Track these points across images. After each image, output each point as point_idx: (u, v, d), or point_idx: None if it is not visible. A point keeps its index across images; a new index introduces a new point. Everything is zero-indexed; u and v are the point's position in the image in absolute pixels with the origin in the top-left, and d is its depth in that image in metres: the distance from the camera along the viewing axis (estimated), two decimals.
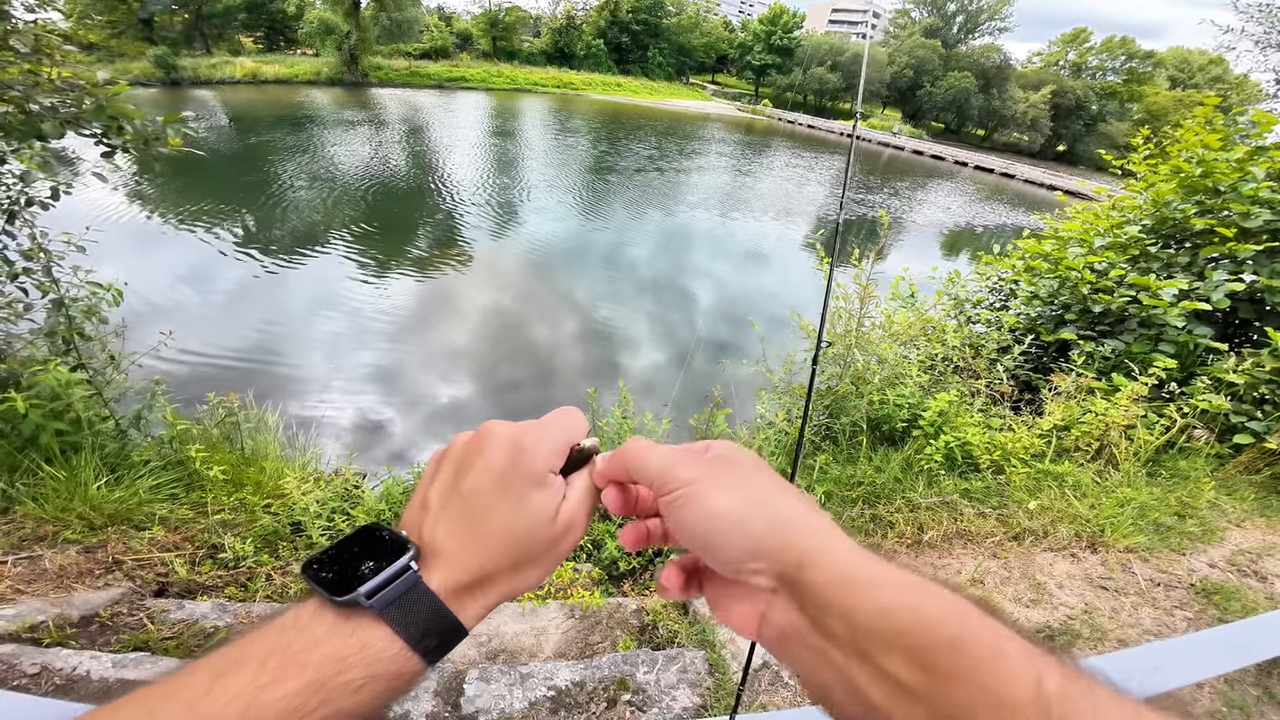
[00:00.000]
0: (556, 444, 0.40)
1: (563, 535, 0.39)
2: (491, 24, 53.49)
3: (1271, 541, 2.65)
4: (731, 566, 0.35)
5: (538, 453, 0.38)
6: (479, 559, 0.37)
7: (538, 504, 0.38)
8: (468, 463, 0.39)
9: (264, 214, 10.87)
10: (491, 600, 0.38)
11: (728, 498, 0.35)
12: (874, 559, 0.32)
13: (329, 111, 24.92)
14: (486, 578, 0.37)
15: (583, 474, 0.42)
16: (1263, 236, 3.50)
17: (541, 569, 0.39)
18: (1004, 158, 43.38)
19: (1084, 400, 3.07)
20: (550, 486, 0.39)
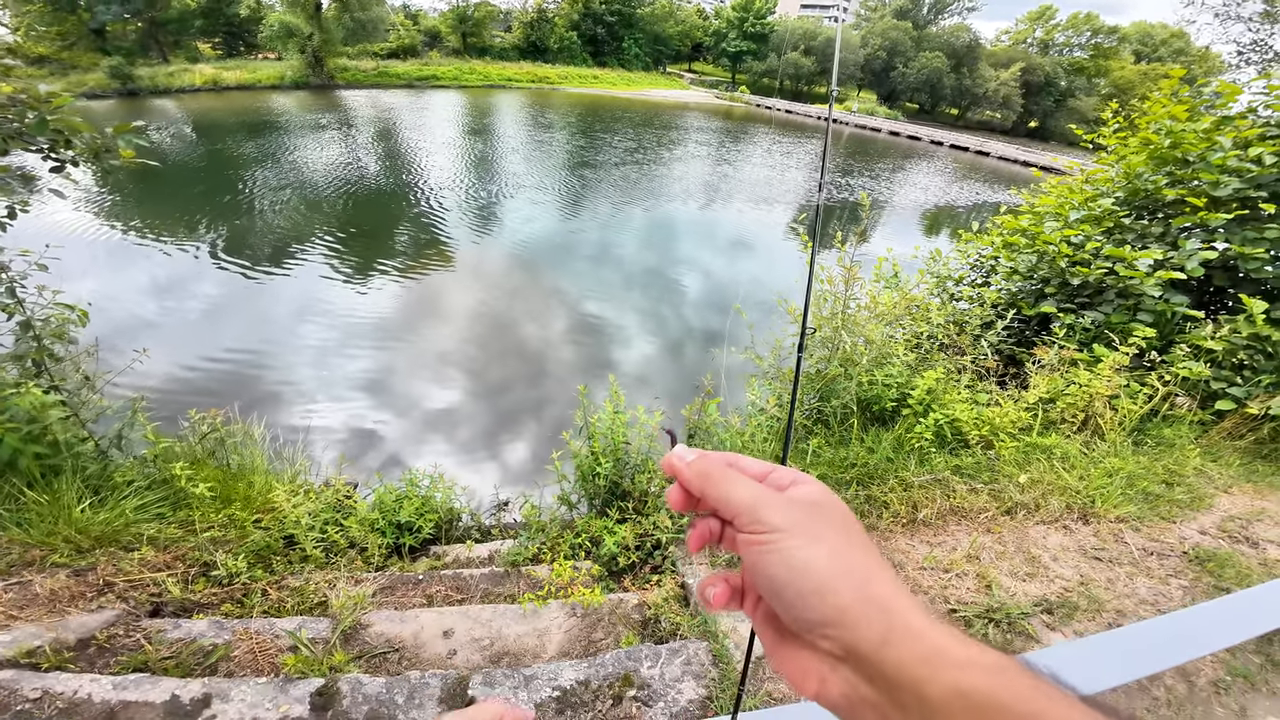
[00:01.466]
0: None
1: None
2: (460, 20, 52.50)
3: (1260, 507, 2.71)
4: (804, 626, 0.35)
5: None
6: None
7: None
8: None
9: (236, 223, 10.62)
10: None
11: (818, 558, 0.34)
12: (958, 638, 0.32)
13: (296, 116, 24.31)
14: None
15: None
16: (1233, 205, 3.58)
17: None
18: (978, 135, 43.85)
19: (1067, 372, 3.13)
20: None
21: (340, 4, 37.07)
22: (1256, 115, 3.93)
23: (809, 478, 0.40)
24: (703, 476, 0.40)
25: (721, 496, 0.38)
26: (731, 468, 0.41)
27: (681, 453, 0.42)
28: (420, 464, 4.81)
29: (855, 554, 0.35)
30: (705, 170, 20.28)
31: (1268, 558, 2.38)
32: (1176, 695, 1.80)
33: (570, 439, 2.80)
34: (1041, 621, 2.03)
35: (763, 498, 0.37)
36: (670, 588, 2.23)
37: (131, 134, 2.44)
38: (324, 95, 33.05)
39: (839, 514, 0.38)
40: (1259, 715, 1.77)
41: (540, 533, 2.77)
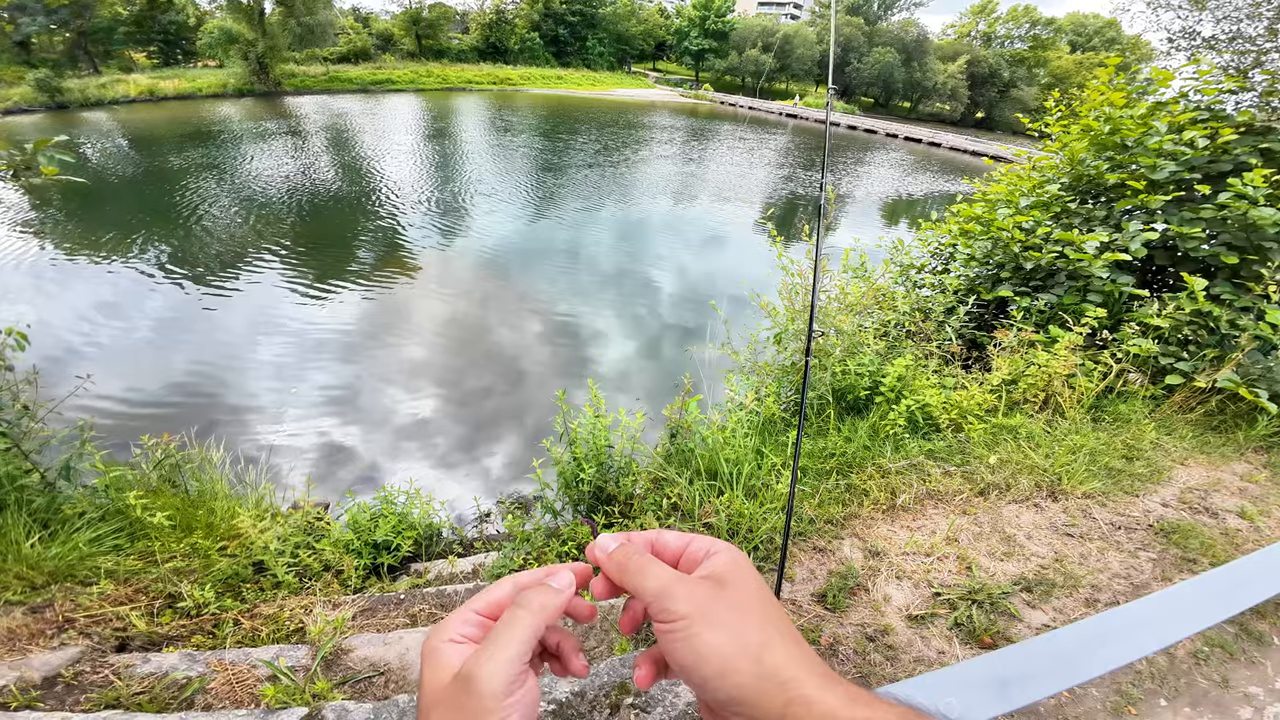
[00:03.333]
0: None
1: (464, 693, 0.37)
2: (414, 22, 51.23)
3: (1215, 477, 2.85)
4: (717, 705, 0.37)
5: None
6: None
7: (432, 673, 0.39)
8: None
9: (182, 239, 10.11)
10: None
11: (718, 641, 0.36)
12: (850, 701, 0.34)
13: (241, 125, 23.27)
14: None
15: (509, 621, 0.40)
16: (1170, 187, 3.78)
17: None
18: (930, 127, 45.41)
19: (1026, 353, 3.26)
20: (436, 655, 0.40)
21: (285, 9, 35.66)
22: (1188, 100, 4.16)
23: (723, 546, 0.43)
24: (620, 568, 0.42)
25: (636, 586, 0.41)
26: (655, 545, 0.44)
27: (604, 543, 0.44)
28: (396, 479, 4.69)
29: (752, 630, 0.37)
30: (674, 168, 20.36)
31: (1228, 527, 2.50)
32: (1159, 668, 1.87)
33: (551, 446, 2.76)
34: (1022, 600, 2.09)
35: (668, 587, 0.39)
36: None
37: (54, 149, 2.29)
38: (271, 103, 31.77)
39: (740, 589, 0.40)
40: (1240, 684, 1.85)
41: (525, 543, 2.72)
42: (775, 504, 2.44)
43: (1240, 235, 3.42)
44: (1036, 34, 65.19)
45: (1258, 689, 1.85)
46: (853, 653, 1.90)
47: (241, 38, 33.85)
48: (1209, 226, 3.55)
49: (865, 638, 1.95)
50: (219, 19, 35.33)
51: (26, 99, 25.77)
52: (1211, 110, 4.04)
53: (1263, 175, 3.32)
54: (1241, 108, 4.06)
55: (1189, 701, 1.80)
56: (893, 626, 1.98)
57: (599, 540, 0.45)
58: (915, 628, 1.99)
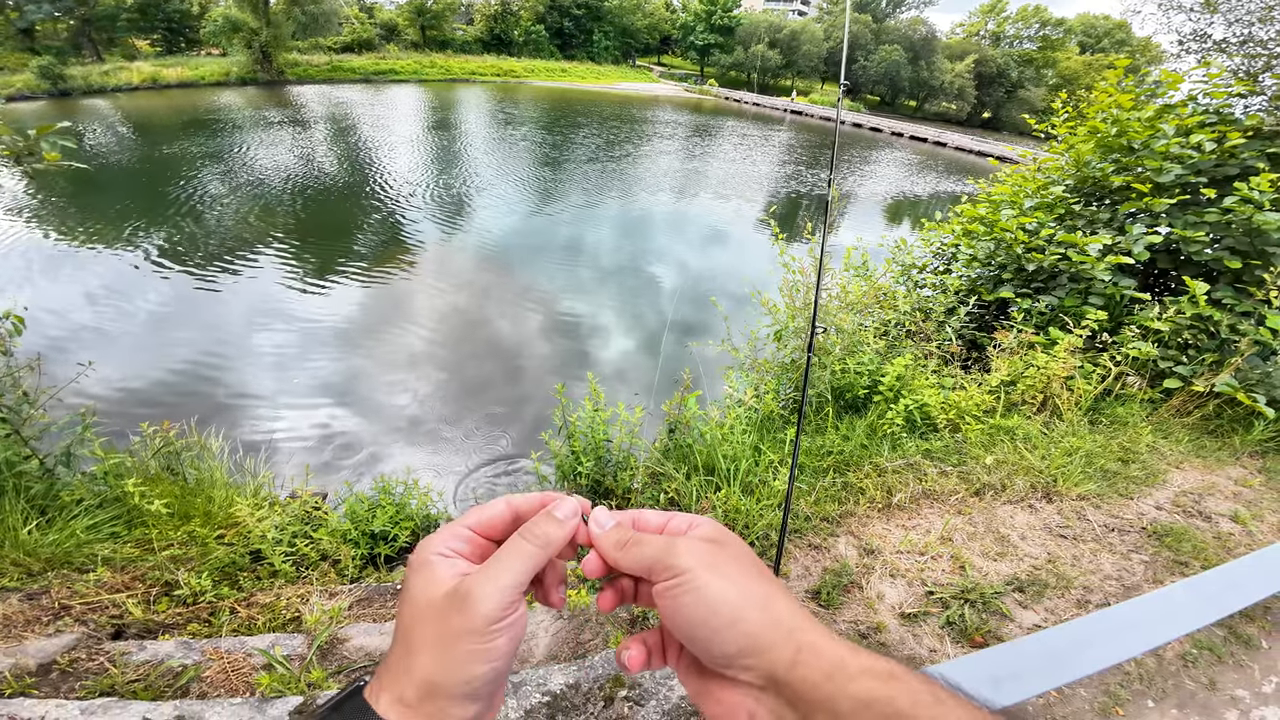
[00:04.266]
0: (448, 535, 0.42)
1: (467, 613, 0.37)
2: (419, 13, 50.93)
3: (1210, 481, 2.85)
4: (724, 661, 0.36)
5: (430, 545, 0.41)
6: (416, 671, 0.37)
7: (423, 586, 0.39)
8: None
9: (184, 227, 10.10)
10: (446, 708, 0.37)
11: (727, 590, 0.36)
12: (854, 650, 0.35)
13: (244, 113, 23.20)
14: (429, 688, 0.37)
15: (514, 550, 0.41)
16: (1175, 190, 3.76)
17: (475, 659, 0.37)
18: (935, 127, 45.18)
19: (1026, 355, 3.25)
20: (429, 568, 0.40)
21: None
22: (1196, 103, 4.14)
23: (704, 519, 0.43)
24: (618, 546, 0.42)
25: (635, 558, 0.40)
26: (637, 521, 0.44)
27: (600, 518, 0.44)
28: (393, 469, 4.70)
29: (756, 582, 0.38)
30: (677, 164, 20.29)
31: (1221, 531, 2.50)
32: (1147, 669, 1.88)
33: (550, 439, 2.77)
34: (1014, 600, 2.10)
35: (670, 545, 0.39)
36: None
37: (56, 135, 2.28)
38: (273, 91, 31.66)
39: (737, 547, 0.41)
40: (1227, 687, 1.85)
41: None
42: (772, 500, 2.45)
43: (1244, 240, 3.41)
44: (1046, 34, 64.70)
45: (1244, 692, 1.86)
46: None
47: (245, 26, 33.70)
48: (1213, 230, 3.53)
49: (858, 635, 1.96)
50: (223, 7, 35.13)
51: (30, 86, 25.79)
52: (1220, 114, 4.01)
53: (1269, 180, 3.30)
54: (1250, 111, 4.03)
55: (1176, 703, 1.80)
56: (885, 624, 1.99)
57: (595, 514, 0.44)
58: (908, 625, 2.00)
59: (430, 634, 0.37)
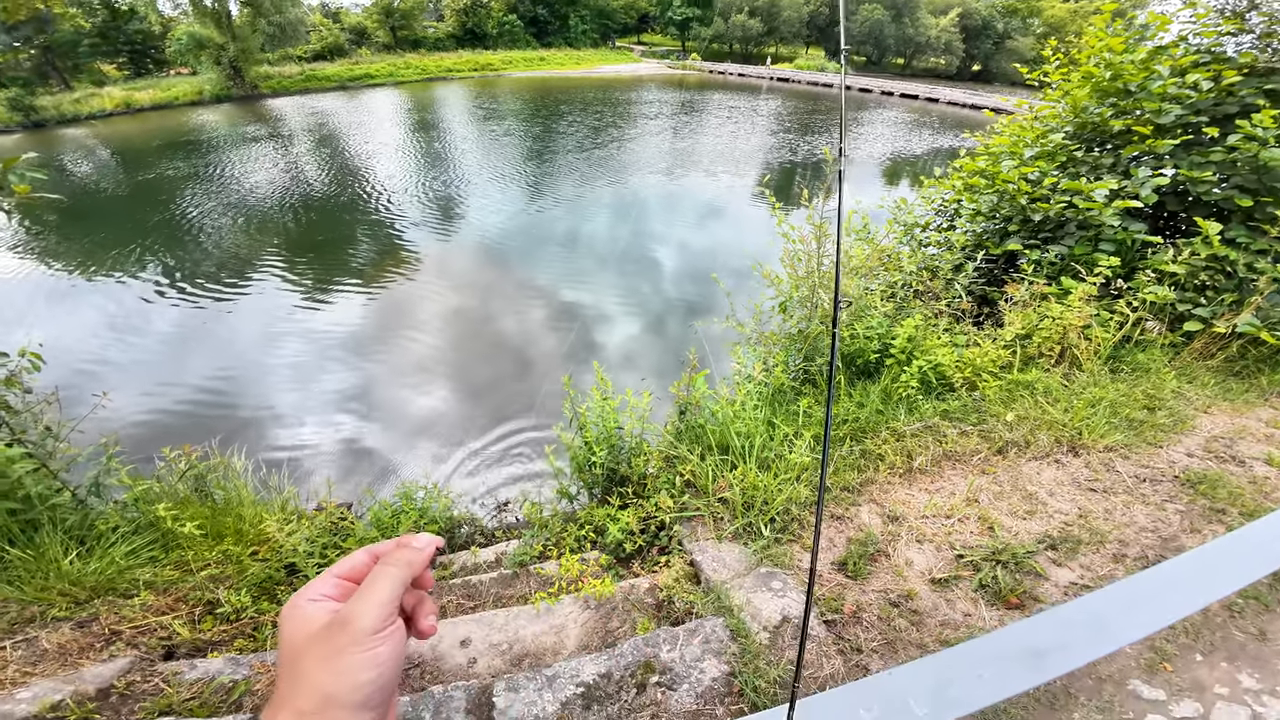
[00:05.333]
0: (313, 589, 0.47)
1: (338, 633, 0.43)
2: (386, 14, 50.01)
3: (1240, 425, 2.77)
4: None
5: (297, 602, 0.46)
6: (308, 687, 0.42)
7: (300, 625, 0.44)
8: None
9: (180, 251, 10.12)
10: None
11: None
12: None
13: (223, 131, 23.03)
14: (323, 698, 0.41)
15: (379, 574, 0.47)
16: (1177, 130, 3.67)
17: (362, 666, 0.42)
18: (925, 83, 44.16)
19: (1039, 307, 3.21)
20: (301, 611, 0.45)
21: (253, 10, 34.91)
22: (1187, 43, 4.04)
23: None
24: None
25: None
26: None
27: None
28: (413, 472, 4.76)
29: None
30: (666, 143, 20.01)
31: (1256, 475, 2.42)
32: (1192, 622, 1.83)
33: (561, 431, 2.77)
34: (1048, 558, 2.07)
35: None
36: (680, 567, 2.24)
37: (23, 167, 2.26)
38: (250, 106, 31.39)
39: None
40: (1277, 636, 1.78)
41: (544, 529, 2.76)
42: (789, 474, 2.45)
43: (1251, 178, 3.33)
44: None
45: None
46: (877, 619, 1.90)
47: (211, 42, 33.30)
48: (1220, 170, 3.45)
49: (889, 604, 1.94)
50: (186, 25, 34.63)
51: (1, 120, 25.61)
52: (1213, 53, 3.92)
53: (1271, 116, 3.21)
54: (1242, 49, 3.93)
55: (1225, 656, 1.75)
56: (916, 591, 1.98)
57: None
58: (939, 591, 1.99)
59: (317, 655, 0.41)
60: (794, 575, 2.10)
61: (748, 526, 2.31)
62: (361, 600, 0.44)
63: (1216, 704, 1.62)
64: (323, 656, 0.41)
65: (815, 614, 1.93)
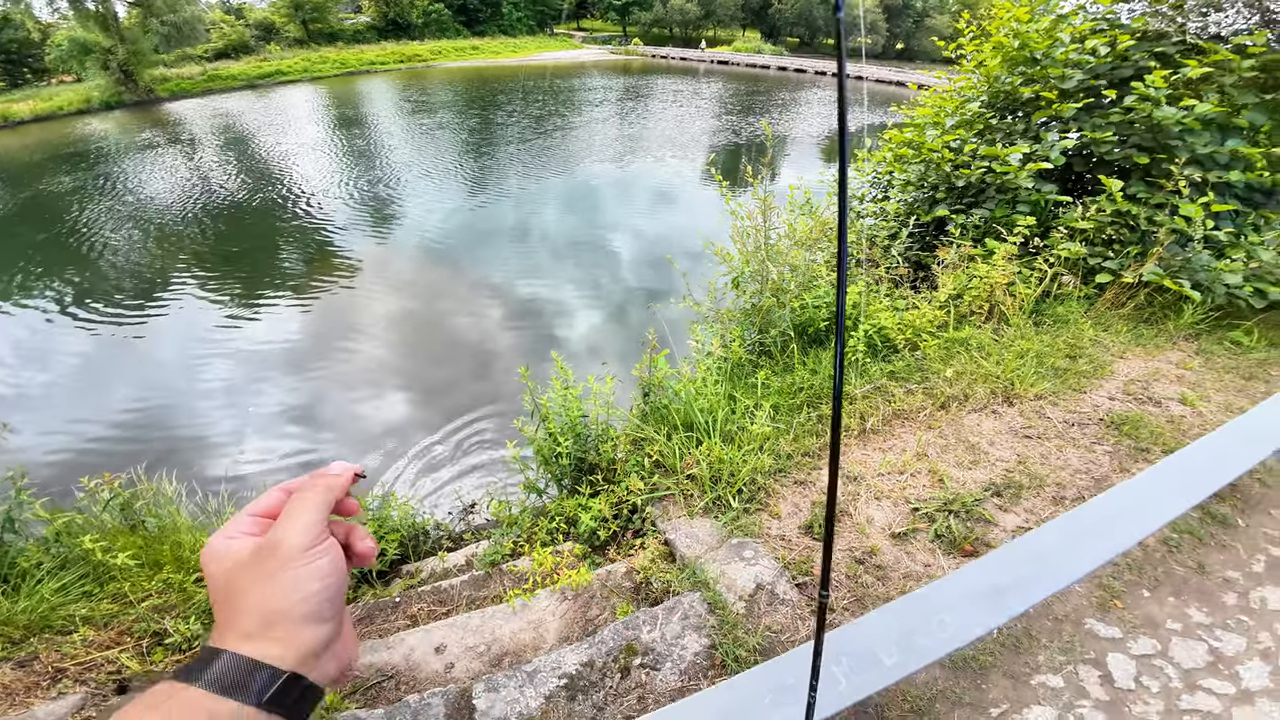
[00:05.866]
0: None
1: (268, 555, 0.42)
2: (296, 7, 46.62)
3: (1154, 367, 3.00)
4: None
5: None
6: (250, 609, 0.40)
7: (224, 560, 0.42)
8: None
9: (80, 271, 9.21)
10: (270, 633, 0.40)
11: None
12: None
13: (117, 140, 20.94)
14: (268, 615, 0.40)
15: (300, 498, 0.45)
16: (1079, 95, 3.95)
17: (303, 579, 0.41)
18: (854, 62, 45.56)
19: (968, 268, 3.40)
20: (221, 549, 0.43)
21: (143, 10, 31.88)
22: (1086, 11, 4.33)
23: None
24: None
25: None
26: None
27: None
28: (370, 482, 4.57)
29: None
30: (614, 130, 19.80)
31: (1173, 414, 2.64)
32: (1134, 559, 1.94)
33: (523, 425, 2.73)
34: (994, 505, 2.20)
35: None
36: (655, 548, 2.27)
37: None
38: (145, 112, 28.71)
39: None
40: (1217, 569, 1.89)
41: (513, 526, 2.71)
42: (752, 445, 2.51)
43: (1148, 136, 3.62)
44: None
45: (1235, 573, 1.89)
46: (845, 578, 1.98)
47: (97, 46, 30.15)
48: (1119, 130, 3.73)
49: (855, 561, 2.03)
50: (67, 30, 31.33)
51: None
52: (1109, 20, 4.21)
53: (1161, 76, 3.48)
54: (1134, 15, 4.22)
55: (1171, 590, 1.84)
56: (879, 547, 2.07)
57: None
58: (900, 545, 2.09)
59: (250, 579, 0.40)
60: (764, 543, 2.16)
61: (717, 500, 2.36)
62: (285, 524, 0.42)
63: (1172, 639, 1.69)
64: (256, 579, 0.40)
65: (787, 579, 2.00)
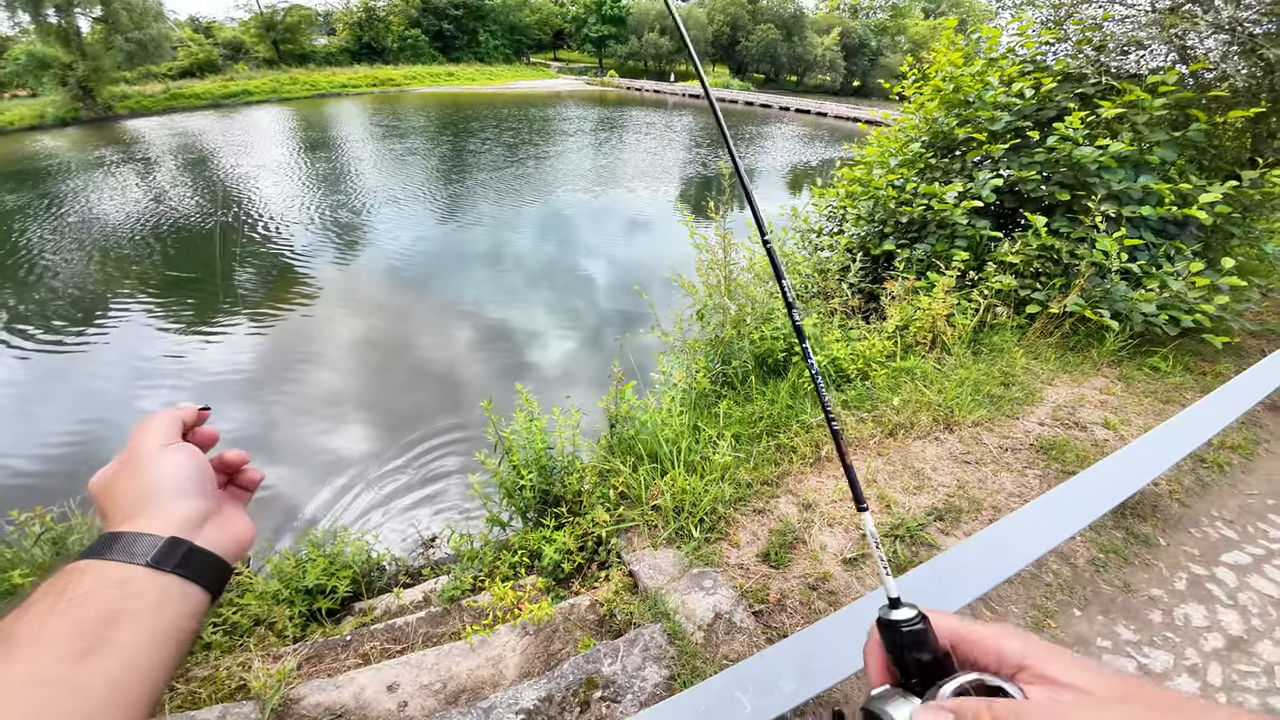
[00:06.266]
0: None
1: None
2: (267, 28, 46.44)
3: (1079, 393, 3.20)
4: None
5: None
6: (120, 497, 0.46)
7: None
8: None
9: (28, 291, 8.73)
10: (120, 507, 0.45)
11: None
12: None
13: (69, 157, 20.15)
14: (137, 495, 0.45)
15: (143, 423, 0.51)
16: (1007, 136, 4.26)
17: (161, 464, 0.47)
18: (815, 99, 48.06)
19: (913, 300, 3.60)
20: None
21: (107, 26, 31.19)
22: (1014, 54, 4.68)
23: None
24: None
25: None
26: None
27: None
28: (325, 515, 4.41)
29: None
30: (589, 160, 20.16)
31: (1097, 438, 2.82)
32: (1064, 579, 2.04)
33: (485, 458, 2.71)
34: (937, 529, 2.31)
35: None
36: (619, 579, 2.27)
37: None
38: (103, 129, 27.74)
39: None
40: (1142, 587, 1.99)
41: (474, 561, 2.67)
42: (713, 475, 2.56)
43: (1068, 174, 3.92)
44: (894, 3, 70.91)
45: (1159, 591, 1.99)
46: (799, 604, 2.03)
47: (56, 61, 29.27)
48: (1043, 169, 4.03)
49: (809, 588, 2.08)
50: (25, 44, 30.41)
51: None
52: (1035, 62, 4.56)
53: (1079, 118, 3.79)
54: (1059, 57, 4.52)
55: (1100, 609, 1.94)
56: (831, 573, 2.13)
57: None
58: (850, 570, 2.16)
59: (122, 483, 0.45)
60: (723, 572, 2.20)
61: (680, 530, 2.39)
62: (137, 437, 0.47)
63: (1103, 657, 1.78)
64: (128, 479, 0.45)
65: (744, 607, 2.03)
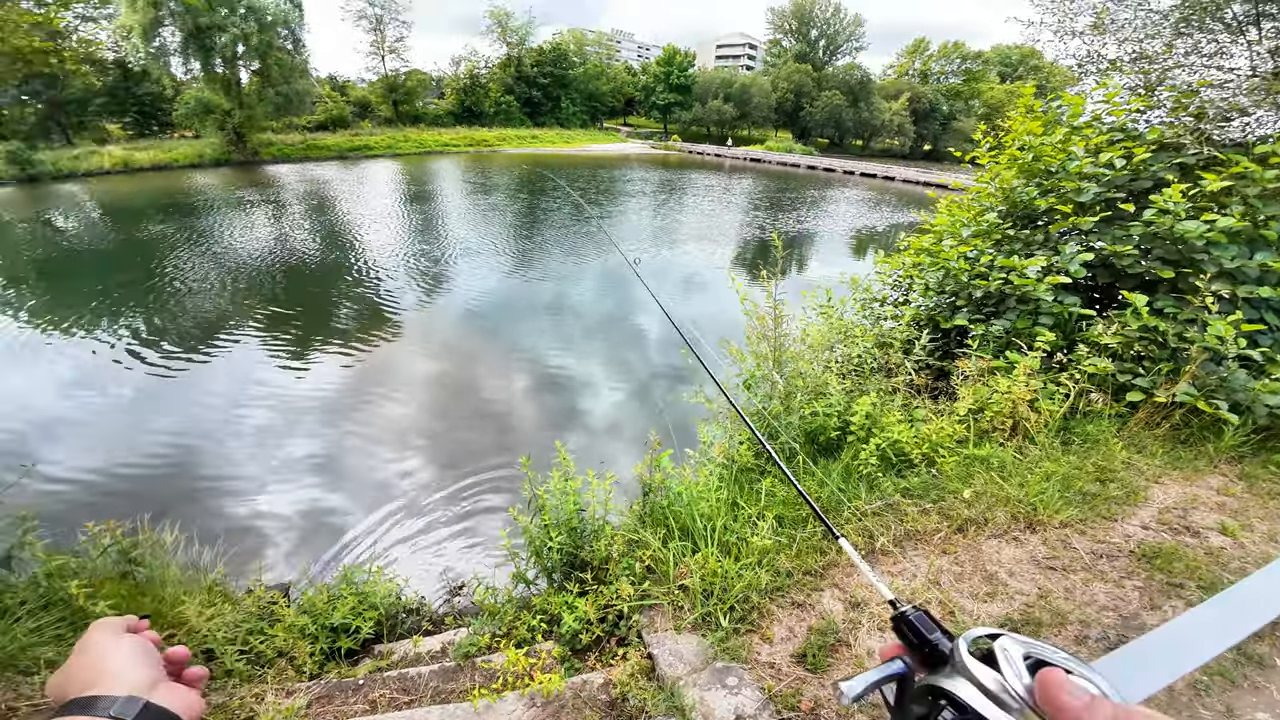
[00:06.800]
0: None
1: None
2: (390, 89, 53.49)
3: (1192, 494, 2.76)
4: None
5: None
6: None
7: None
8: None
9: (157, 312, 10.03)
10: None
11: None
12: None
13: (218, 194, 23.56)
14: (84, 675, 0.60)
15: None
16: (1096, 207, 3.92)
17: (106, 653, 0.62)
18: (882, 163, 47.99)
19: (989, 380, 3.28)
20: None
21: (262, 79, 36.74)
22: (1100, 122, 4.39)
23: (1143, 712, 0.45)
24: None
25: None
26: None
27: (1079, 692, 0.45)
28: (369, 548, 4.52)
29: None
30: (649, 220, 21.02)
31: (1211, 546, 2.40)
32: (1157, 703, 1.75)
33: (518, 514, 2.68)
34: None
35: None
36: (636, 661, 2.11)
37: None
38: (248, 171, 32.38)
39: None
40: (1245, 710, 1.73)
41: (493, 618, 2.59)
42: (750, 559, 2.37)
43: (1172, 250, 3.50)
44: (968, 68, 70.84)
45: (1265, 715, 1.75)
46: (836, 716, 1.79)
47: (218, 108, 34.49)
48: (1141, 243, 3.63)
49: None
50: (195, 90, 35.84)
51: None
52: (1125, 130, 4.21)
53: (1180, 190, 3.42)
54: (1152, 125, 4.19)
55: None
56: None
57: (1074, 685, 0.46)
58: None
59: (68, 669, 0.60)
60: (751, 670, 1.98)
61: (706, 616, 2.20)
62: (85, 639, 0.62)
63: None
64: (80, 664, 0.60)
65: (771, 712, 1.81)
